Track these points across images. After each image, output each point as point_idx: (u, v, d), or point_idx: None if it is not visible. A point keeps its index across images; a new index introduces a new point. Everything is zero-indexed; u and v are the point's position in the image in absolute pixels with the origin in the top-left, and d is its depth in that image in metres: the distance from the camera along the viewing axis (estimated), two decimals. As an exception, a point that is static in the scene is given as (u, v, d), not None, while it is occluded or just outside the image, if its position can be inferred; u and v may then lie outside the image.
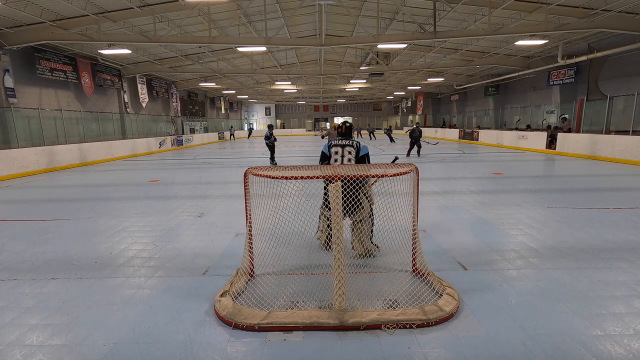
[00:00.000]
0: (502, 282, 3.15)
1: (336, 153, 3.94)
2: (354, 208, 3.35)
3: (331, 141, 4.08)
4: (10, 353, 2.31)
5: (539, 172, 9.87)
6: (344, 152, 3.93)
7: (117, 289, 3.17)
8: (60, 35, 11.60)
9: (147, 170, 12.26)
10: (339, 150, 3.95)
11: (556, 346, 2.27)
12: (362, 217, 3.63)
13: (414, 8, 12.62)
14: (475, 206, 5.92)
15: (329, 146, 4.02)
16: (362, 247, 3.73)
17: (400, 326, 2.49)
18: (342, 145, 3.96)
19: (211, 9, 12.26)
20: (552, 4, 10.96)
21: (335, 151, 3.95)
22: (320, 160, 4.06)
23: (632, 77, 13.56)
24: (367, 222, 3.71)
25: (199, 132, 28.34)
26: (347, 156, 3.90)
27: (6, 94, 11.81)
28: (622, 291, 2.95)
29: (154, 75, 21.50)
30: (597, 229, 4.56)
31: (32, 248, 4.29)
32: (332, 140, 4.09)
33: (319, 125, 46.40)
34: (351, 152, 3.92)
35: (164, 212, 5.91)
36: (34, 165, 11.19)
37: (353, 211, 3.41)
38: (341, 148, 3.95)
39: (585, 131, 14.21)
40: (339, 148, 3.96)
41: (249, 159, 15.54)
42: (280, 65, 22.92)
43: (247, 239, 3.17)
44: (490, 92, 24.51)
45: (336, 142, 4.02)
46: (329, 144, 4.06)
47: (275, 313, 2.60)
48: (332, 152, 3.96)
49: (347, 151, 3.92)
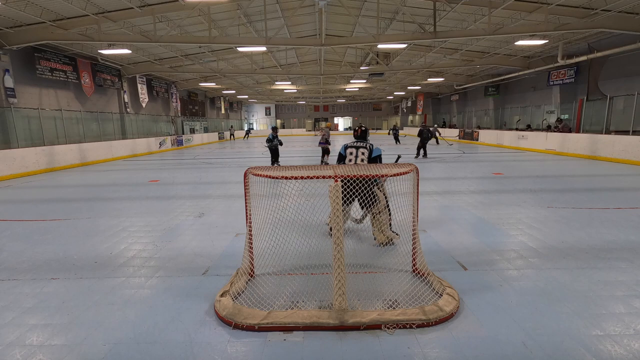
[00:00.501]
0: (502, 282, 3.15)
1: (351, 154, 4.38)
2: (371, 202, 3.73)
3: (347, 143, 4.53)
4: (10, 353, 2.31)
5: (539, 172, 9.87)
6: (358, 153, 4.36)
7: (117, 289, 3.17)
8: (60, 35, 11.60)
9: (147, 170, 12.26)
10: (354, 151, 4.38)
11: (556, 346, 2.27)
12: (380, 209, 4.01)
13: (414, 8, 12.62)
14: (475, 206, 5.92)
15: (345, 147, 4.46)
16: (384, 236, 4.05)
17: (400, 326, 2.49)
18: (356, 147, 4.40)
19: (211, 9, 12.26)
20: (552, 4, 10.96)
21: (350, 152, 4.39)
22: (337, 160, 4.51)
23: (632, 77, 13.56)
24: (384, 213, 4.06)
25: (199, 132, 28.35)
26: (360, 157, 4.33)
27: (6, 94, 11.82)
28: (622, 291, 2.95)
29: (154, 75, 21.50)
30: (597, 229, 4.56)
31: (32, 248, 4.29)
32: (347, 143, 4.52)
33: (318, 125, 46.42)
34: (364, 154, 4.34)
35: (164, 212, 5.91)
36: (34, 165, 11.19)
37: (371, 204, 3.81)
38: (356, 149, 4.38)
39: (586, 131, 14.21)
40: (353, 149, 4.40)
41: (249, 159, 15.54)
42: (280, 65, 22.92)
43: (247, 239, 3.17)
44: (490, 92, 24.51)
45: (352, 144, 4.46)
46: (345, 145, 4.51)
47: (275, 313, 2.60)
48: (347, 153, 4.40)
49: (360, 152, 4.35)
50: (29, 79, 12.87)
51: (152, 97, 21.62)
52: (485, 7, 11.57)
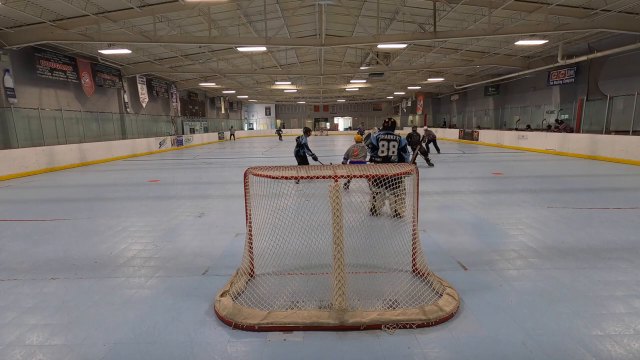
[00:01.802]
0: (502, 282, 3.15)
1: (383, 145, 5.10)
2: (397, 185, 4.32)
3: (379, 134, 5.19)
4: (10, 353, 2.31)
5: (539, 172, 9.87)
6: (390, 145, 5.10)
7: (117, 289, 3.17)
8: (60, 35, 11.60)
9: (147, 170, 12.25)
10: (385, 143, 5.10)
11: (556, 346, 2.27)
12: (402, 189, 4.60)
13: (414, 8, 12.62)
14: (476, 206, 5.92)
15: (377, 139, 5.12)
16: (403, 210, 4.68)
17: (400, 326, 2.49)
18: (388, 140, 5.10)
19: (211, 9, 12.26)
20: (552, 4, 10.96)
21: (382, 144, 5.10)
22: (371, 150, 5.28)
23: (632, 77, 13.56)
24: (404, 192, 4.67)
25: (199, 132, 28.34)
26: (391, 149, 5.11)
27: (6, 94, 11.82)
28: (622, 291, 2.95)
29: (154, 75, 21.50)
30: (597, 229, 4.56)
31: (32, 248, 4.29)
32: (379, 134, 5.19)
33: (318, 125, 46.42)
34: (395, 146, 5.10)
35: (164, 212, 5.91)
36: (34, 165, 11.19)
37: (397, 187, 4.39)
38: (387, 142, 5.10)
39: (586, 131, 14.21)
40: (385, 142, 5.10)
41: (249, 159, 15.54)
42: (280, 65, 22.91)
43: (247, 239, 3.17)
44: (490, 92, 24.51)
45: (383, 137, 5.13)
46: (377, 136, 5.17)
47: (275, 313, 2.60)
48: (379, 145, 5.10)
49: (392, 145, 5.10)
50: (29, 79, 12.87)
51: (152, 97, 21.62)
52: (485, 7, 11.57)
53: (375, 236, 4.21)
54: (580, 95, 15.72)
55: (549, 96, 18.73)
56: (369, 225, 4.72)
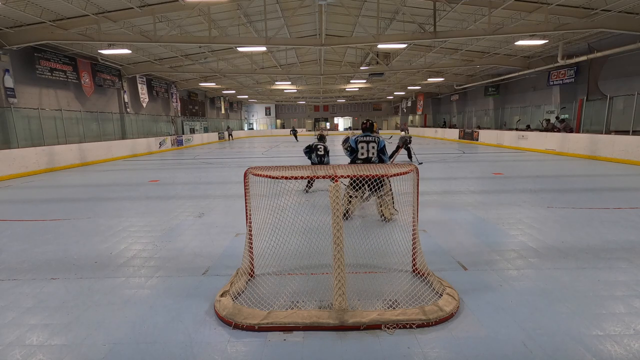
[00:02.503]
0: (502, 282, 3.15)
1: (362, 147, 5.08)
2: (379, 186, 4.30)
3: (357, 137, 5.17)
4: (10, 353, 2.31)
5: (539, 172, 9.87)
6: (369, 147, 5.07)
7: (117, 289, 3.17)
8: (60, 35, 11.60)
9: (147, 170, 12.25)
10: (365, 145, 5.08)
11: (556, 346, 2.27)
12: (386, 191, 4.67)
13: (414, 8, 12.62)
14: (475, 206, 5.92)
15: (356, 142, 5.11)
16: (389, 213, 4.77)
17: (400, 326, 2.49)
18: (367, 142, 5.08)
19: (211, 9, 12.26)
20: (552, 4, 10.96)
21: (361, 146, 5.08)
22: (350, 153, 5.25)
23: (632, 77, 13.56)
24: (389, 194, 4.77)
25: (199, 132, 28.34)
26: (371, 150, 5.07)
27: (6, 94, 11.82)
28: (622, 291, 2.95)
29: (154, 75, 21.50)
30: (597, 229, 4.56)
31: (32, 248, 4.29)
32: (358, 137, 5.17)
33: (318, 125, 46.43)
34: (374, 147, 5.07)
35: (164, 212, 5.91)
36: (34, 165, 11.19)
37: (378, 188, 4.39)
38: (366, 144, 5.07)
39: (585, 131, 14.20)
40: (364, 144, 5.08)
41: (249, 159, 15.54)
42: (280, 65, 22.91)
43: (247, 239, 3.17)
44: (490, 92, 24.51)
45: (362, 139, 5.10)
46: (355, 139, 5.16)
47: (275, 313, 2.60)
48: (359, 147, 5.08)
49: (371, 146, 5.07)
50: (29, 79, 12.87)
51: (152, 97, 21.62)
52: (485, 7, 11.57)
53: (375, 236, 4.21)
54: (580, 95, 15.72)
55: (549, 96, 18.72)
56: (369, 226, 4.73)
